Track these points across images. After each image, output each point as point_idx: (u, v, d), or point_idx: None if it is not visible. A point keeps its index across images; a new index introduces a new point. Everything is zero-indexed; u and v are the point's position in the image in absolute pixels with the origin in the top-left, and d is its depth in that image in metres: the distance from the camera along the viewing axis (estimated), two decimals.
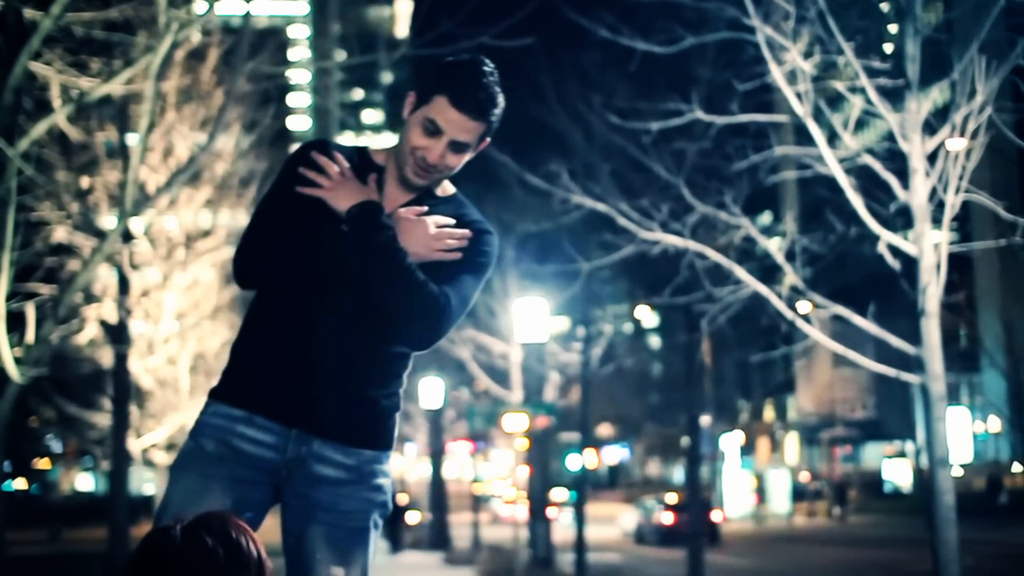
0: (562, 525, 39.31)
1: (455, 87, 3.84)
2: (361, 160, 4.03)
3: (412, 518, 45.78)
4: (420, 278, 3.81)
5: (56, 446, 75.39)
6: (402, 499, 49.20)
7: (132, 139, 17.81)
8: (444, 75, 3.88)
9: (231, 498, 3.83)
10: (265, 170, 26.05)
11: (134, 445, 22.89)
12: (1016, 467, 55.29)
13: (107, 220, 19.16)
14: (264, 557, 2.76)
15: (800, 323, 12.71)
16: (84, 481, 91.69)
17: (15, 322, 13.57)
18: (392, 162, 4.00)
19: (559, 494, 44.89)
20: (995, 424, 63.18)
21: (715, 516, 41.63)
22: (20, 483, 68.24)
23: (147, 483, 60.31)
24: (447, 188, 4.08)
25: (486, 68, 3.91)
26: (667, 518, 43.44)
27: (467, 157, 3.95)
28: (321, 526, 3.89)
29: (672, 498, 46.47)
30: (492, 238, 4.06)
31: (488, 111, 3.88)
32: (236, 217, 25.52)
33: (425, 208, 3.94)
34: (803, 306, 15.25)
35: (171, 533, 2.70)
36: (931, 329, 11.35)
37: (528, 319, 27.14)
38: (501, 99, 3.92)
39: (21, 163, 12.42)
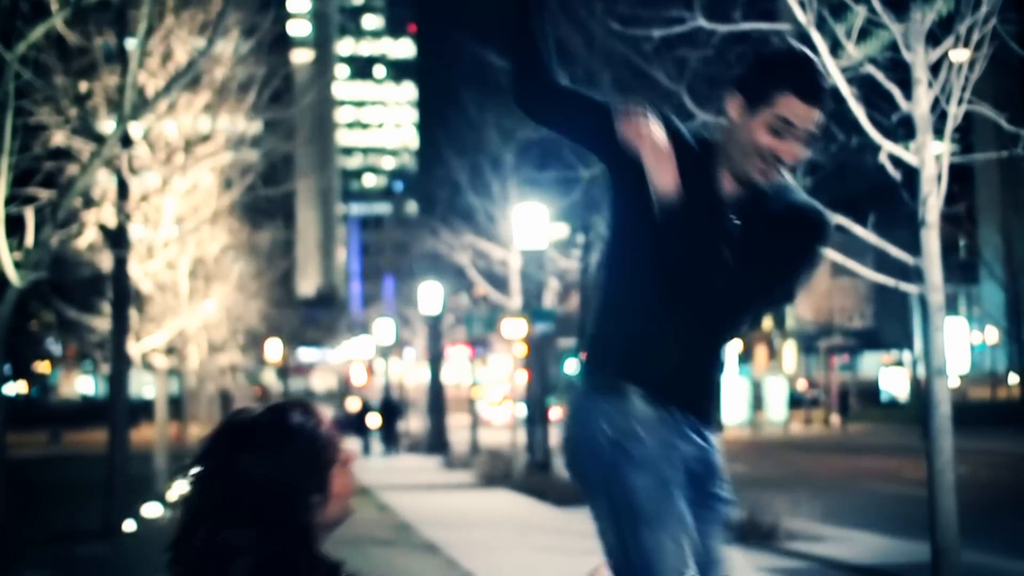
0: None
1: (799, 82, 3.82)
2: (703, 151, 4.00)
3: (372, 421, 46.23)
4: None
5: (56, 349, 75.55)
6: (353, 404, 49.38)
7: (131, 44, 17.66)
8: (780, 72, 3.85)
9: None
10: (264, 75, 25.92)
11: (134, 349, 22.96)
12: (1012, 378, 55.47)
13: (106, 125, 19.07)
14: (325, 435, 2.97)
15: None
16: (84, 384, 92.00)
17: (14, 226, 13.56)
18: (724, 159, 3.96)
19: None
20: (992, 335, 63.38)
21: None
22: (20, 386, 68.51)
23: (146, 386, 60.63)
24: None
25: (810, 56, 3.91)
26: None
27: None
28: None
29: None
30: (829, 217, 4.10)
31: (827, 98, 3.89)
32: (235, 122, 25.42)
33: None
34: None
35: (253, 409, 3.01)
36: (931, 240, 11.35)
37: (527, 225, 27.11)
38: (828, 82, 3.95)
39: (19, 67, 12.36)
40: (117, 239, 19.64)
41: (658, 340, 3.92)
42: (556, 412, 37.26)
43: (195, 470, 2.94)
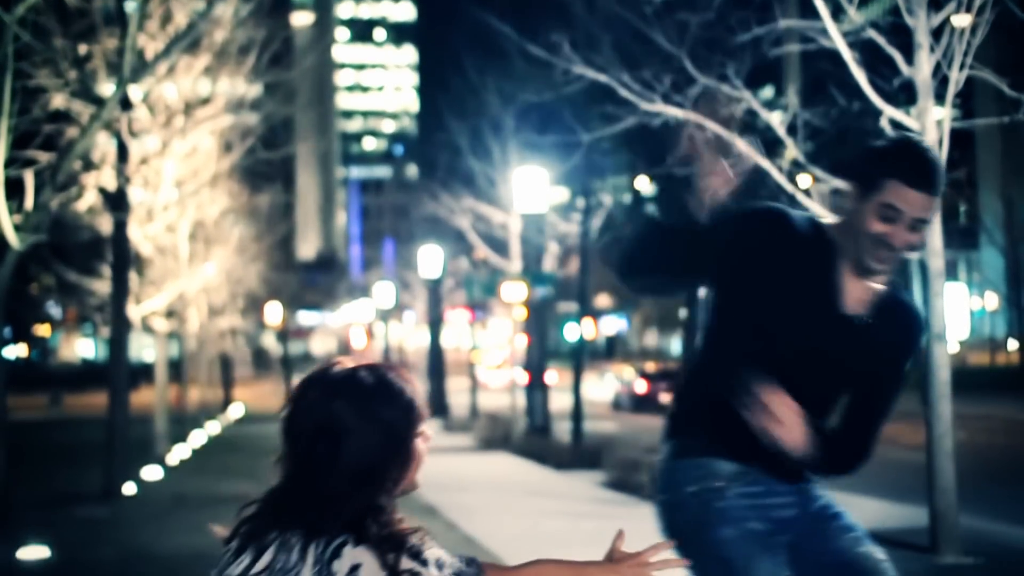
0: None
1: (908, 169, 3.85)
2: (815, 234, 4.05)
3: None
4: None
5: (56, 312, 75.55)
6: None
7: (130, 6, 17.59)
8: (890, 160, 3.89)
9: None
10: (264, 37, 25.82)
11: (134, 312, 22.96)
12: (1012, 344, 55.49)
13: (105, 87, 18.99)
14: (418, 402, 3.00)
15: (800, 197, 12.69)
16: (84, 347, 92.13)
17: (14, 189, 13.55)
18: (845, 247, 4.00)
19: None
20: (992, 301, 63.39)
21: None
22: (20, 349, 68.51)
23: (146, 349, 60.66)
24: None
25: (926, 144, 3.98)
26: (641, 386, 45.30)
27: (926, 232, 3.99)
28: None
29: (648, 368, 49.58)
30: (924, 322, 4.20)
31: (940, 184, 3.92)
32: (235, 85, 25.34)
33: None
34: (803, 180, 15.23)
35: (334, 364, 3.01)
36: None
37: (528, 189, 27.08)
38: (943, 169, 3.98)
39: (18, 29, 12.33)
40: (117, 202, 19.60)
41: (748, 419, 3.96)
42: (554, 376, 37.40)
43: (286, 416, 2.96)
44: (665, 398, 44.43)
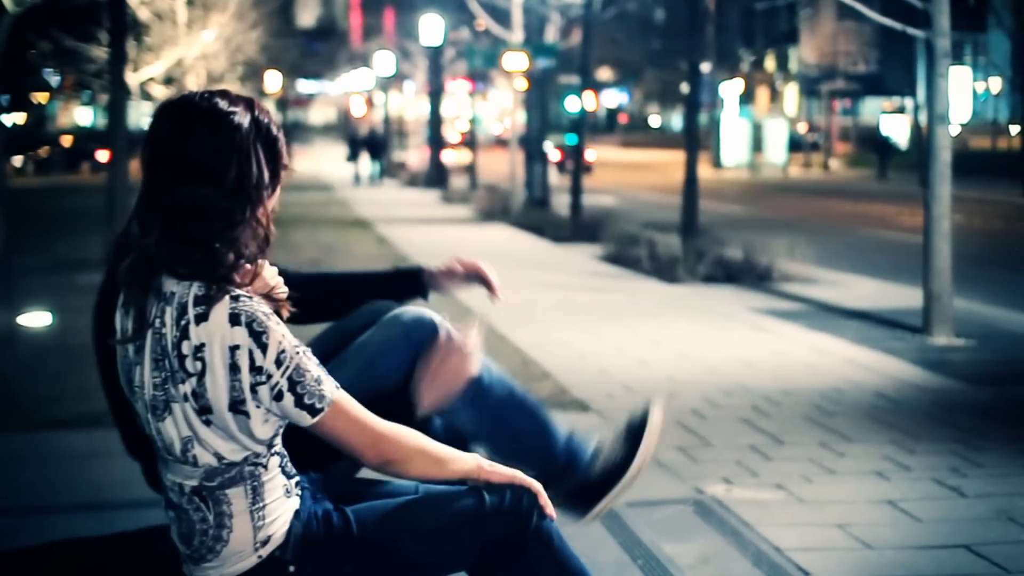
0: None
1: None
2: None
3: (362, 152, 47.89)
4: None
5: (54, 80, 75.00)
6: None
7: None
8: None
9: None
10: None
11: (132, 79, 22.79)
12: (1014, 128, 55.32)
13: None
14: (272, 126, 2.91)
15: None
16: (82, 115, 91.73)
17: None
18: None
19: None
20: (996, 85, 62.98)
21: (589, 155, 49.33)
22: (19, 116, 68.24)
23: (144, 117, 60.37)
24: None
25: None
26: (555, 155, 48.61)
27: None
28: None
29: (560, 141, 53.82)
30: None
31: None
32: None
33: None
34: None
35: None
36: None
37: None
38: None
39: None
40: None
41: None
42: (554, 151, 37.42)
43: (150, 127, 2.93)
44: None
